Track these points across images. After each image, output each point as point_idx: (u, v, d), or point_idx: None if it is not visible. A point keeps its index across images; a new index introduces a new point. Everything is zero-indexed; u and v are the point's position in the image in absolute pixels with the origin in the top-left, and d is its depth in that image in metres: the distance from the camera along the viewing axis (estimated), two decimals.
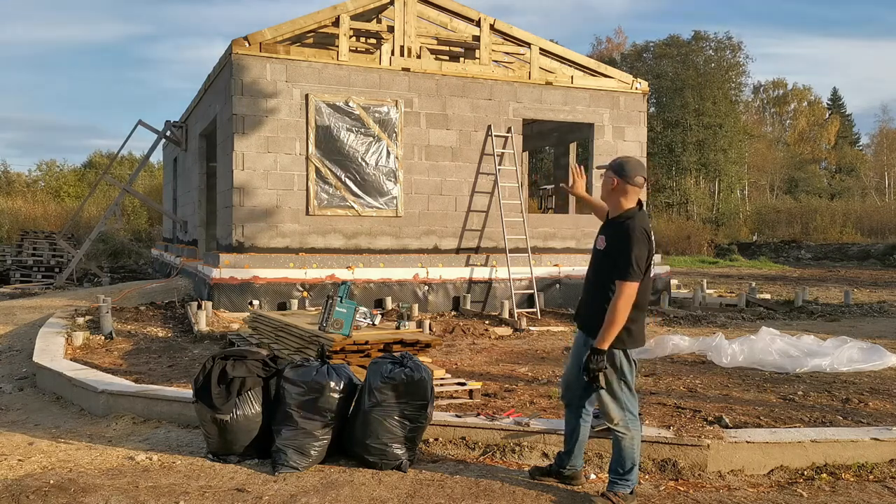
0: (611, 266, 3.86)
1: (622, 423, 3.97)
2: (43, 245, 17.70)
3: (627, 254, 3.79)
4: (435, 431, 4.89)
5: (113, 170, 30.90)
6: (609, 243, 3.93)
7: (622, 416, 3.97)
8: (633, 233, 3.83)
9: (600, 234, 4.04)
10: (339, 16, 11.92)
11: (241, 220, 11.35)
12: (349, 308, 5.85)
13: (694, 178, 41.06)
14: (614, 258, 3.85)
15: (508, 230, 12.42)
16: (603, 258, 3.95)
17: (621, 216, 3.97)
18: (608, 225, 4.05)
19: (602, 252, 3.97)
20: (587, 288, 4.12)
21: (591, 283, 4.05)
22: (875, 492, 4.30)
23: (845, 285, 18.22)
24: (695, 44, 41.57)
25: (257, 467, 4.52)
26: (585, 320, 4.12)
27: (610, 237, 3.95)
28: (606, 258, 3.92)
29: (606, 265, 3.90)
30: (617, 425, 3.98)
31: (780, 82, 62.88)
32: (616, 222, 3.97)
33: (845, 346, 7.76)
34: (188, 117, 16.91)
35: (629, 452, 3.99)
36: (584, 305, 4.16)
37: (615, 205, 4.01)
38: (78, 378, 6.31)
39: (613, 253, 3.87)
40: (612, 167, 4.02)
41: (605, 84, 13.60)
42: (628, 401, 4.01)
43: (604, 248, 3.96)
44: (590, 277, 4.10)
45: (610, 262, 3.88)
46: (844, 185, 52.33)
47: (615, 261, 3.84)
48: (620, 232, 3.88)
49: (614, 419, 3.98)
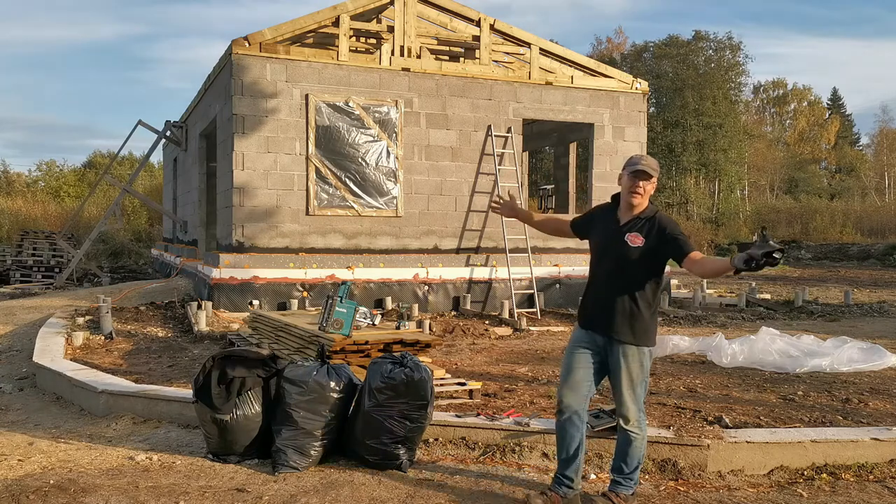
0: (650, 261, 3.88)
1: (637, 424, 3.95)
2: (43, 245, 17.70)
3: (680, 232, 3.89)
4: (435, 431, 4.89)
5: (113, 170, 30.89)
6: (650, 237, 3.88)
7: (639, 417, 3.96)
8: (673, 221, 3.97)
9: (630, 232, 3.92)
10: (339, 16, 11.92)
11: (242, 220, 11.35)
12: (349, 308, 5.85)
13: (694, 178, 41.03)
14: (669, 247, 3.84)
15: (508, 230, 12.42)
16: (641, 254, 3.88)
17: (648, 210, 3.99)
18: (639, 221, 3.96)
19: (640, 248, 3.88)
20: (609, 286, 3.96)
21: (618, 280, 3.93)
22: (875, 492, 4.30)
23: (845, 285, 18.22)
24: (695, 44, 41.55)
25: (257, 467, 4.52)
26: (609, 321, 3.93)
27: (650, 231, 3.89)
28: (647, 254, 3.87)
29: (645, 261, 3.88)
30: (632, 425, 3.95)
31: (780, 82, 62.90)
32: (647, 217, 3.95)
33: (845, 346, 7.76)
34: (188, 117, 16.91)
35: (638, 452, 3.98)
36: (607, 308, 3.94)
37: (646, 202, 4.01)
38: (78, 378, 6.31)
39: (664, 243, 3.84)
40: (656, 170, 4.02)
41: (605, 84, 13.60)
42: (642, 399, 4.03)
43: (643, 245, 3.88)
44: (614, 276, 3.95)
45: (651, 257, 3.87)
46: (844, 185, 52.32)
47: (670, 248, 3.84)
48: (663, 223, 3.91)
49: (631, 419, 3.94)
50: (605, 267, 4.02)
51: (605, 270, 4.01)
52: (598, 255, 4.10)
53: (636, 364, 3.90)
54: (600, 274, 4.05)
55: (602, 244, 4.08)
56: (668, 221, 3.93)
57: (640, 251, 3.88)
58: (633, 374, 3.89)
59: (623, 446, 4.00)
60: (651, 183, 3.95)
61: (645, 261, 3.88)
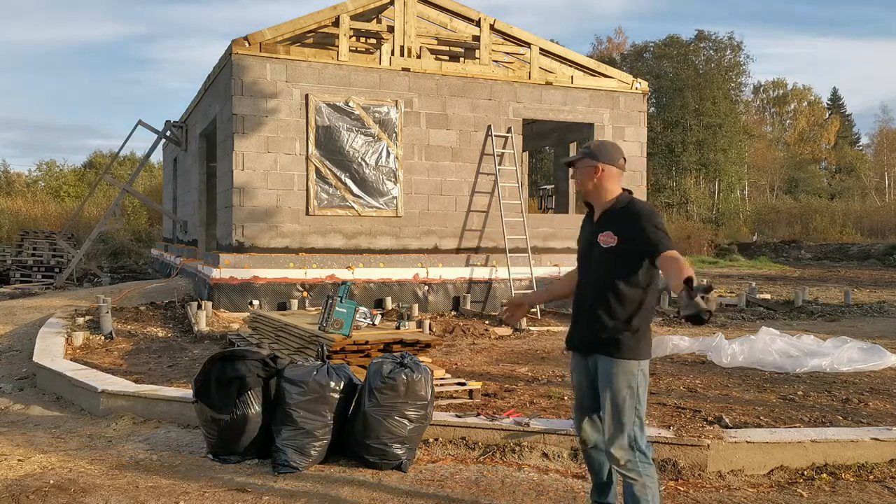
0: (626, 261, 3.26)
1: (630, 465, 3.23)
2: (43, 245, 17.70)
3: (654, 225, 3.20)
4: (435, 431, 4.89)
5: (113, 170, 30.88)
6: (623, 234, 3.26)
7: (631, 456, 3.23)
8: (646, 206, 3.31)
9: (602, 231, 3.32)
10: (339, 16, 11.92)
11: (242, 220, 11.35)
12: (349, 308, 5.85)
13: (694, 178, 41.05)
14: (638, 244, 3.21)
15: (508, 230, 12.42)
16: (615, 256, 3.28)
17: (619, 200, 3.37)
18: (608, 216, 3.37)
19: (613, 249, 3.28)
20: (587, 299, 3.40)
21: (595, 289, 3.35)
22: (875, 492, 4.30)
23: (845, 285, 18.22)
24: (696, 44, 41.56)
25: (257, 467, 4.52)
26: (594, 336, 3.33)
27: (621, 227, 3.27)
28: (620, 255, 3.27)
29: (621, 261, 3.27)
30: (624, 466, 3.23)
31: (780, 82, 62.93)
32: (617, 209, 3.35)
33: (845, 346, 7.76)
34: (188, 117, 16.91)
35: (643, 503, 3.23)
36: (587, 322, 3.38)
37: (604, 193, 3.39)
38: (78, 378, 6.31)
39: (635, 240, 3.22)
40: (588, 154, 3.40)
41: (605, 84, 13.60)
42: (639, 435, 3.26)
43: (616, 244, 3.27)
44: (590, 286, 3.39)
45: (628, 257, 3.25)
46: (844, 185, 52.34)
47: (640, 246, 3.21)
48: (632, 213, 3.28)
49: (619, 458, 3.23)
50: (583, 276, 3.49)
51: (583, 279, 3.48)
52: (579, 262, 3.58)
53: (620, 383, 3.23)
54: (580, 284, 3.50)
55: (581, 251, 3.55)
56: (642, 210, 3.27)
57: (614, 252, 3.28)
58: (616, 397, 3.23)
59: (626, 497, 3.29)
60: (590, 167, 3.38)
61: (621, 261, 3.27)
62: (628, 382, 3.24)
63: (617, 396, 3.24)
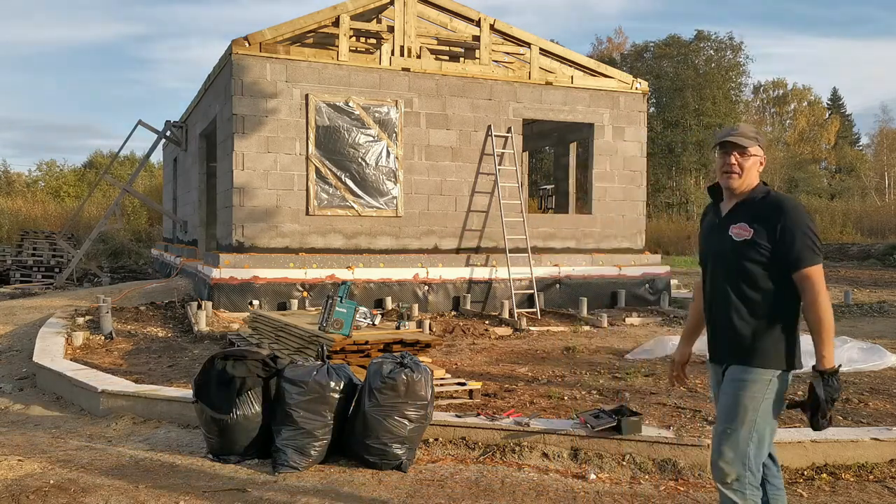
0: (765, 257, 2.87)
1: (738, 484, 2.83)
2: (43, 245, 17.70)
3: (805, 228, 2.81)
4: (435, 431, 4.89)
5: (113, 170, 30.90)
6: (760, 227, 2.88)
7: (741, 472, 2.83)
8: (796, 203, 2.90)
9: (735, 223, 2.94)
10: (339, 16, 11.92)
11: (242, 220, 11.35)
12: (349, 308, 5.86)
13: (694, 178, 41.06)
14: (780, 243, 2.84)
15: (508, 230, 12.42)
16: (750, 249, 2.89)
17: (757, 190, 2.97)
18: (747, 206, 2.96)
19: (748, 242, 2.89)
20: (718, 297, 3.01)
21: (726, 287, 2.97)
22: (875, 492, 4.30)
23: (845, 285, 18.21)
24: (696, 44, 41.58)
25: (257, 467, 4.52)
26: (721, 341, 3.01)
27: (758, 218, 2.89)
28: (757, 247, 2.88)
29: (758, 257, 2.88)
30: (730, 485, 2.83)
31: (780, 82, 62.88)
32: (754, 199, 2.95)
33: (845, 346, 7.77)
34: (188, 117, 16.91)
35: None
36: (718, 326, 3.02)
37: (752, 180, 2.98)
38: (78, 378, 6.32)
39: (775, 237, 2.85)
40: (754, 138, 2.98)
41: (605, 84, 13.60)
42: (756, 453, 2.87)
43: (751, 237, 2.89)
44: (721, 282, 3.00)
45: (764, 251, 2.87)
46: (844, 185, 52.31)
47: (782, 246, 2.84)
48: (775, 206, 2.88)
49: (727, 473, 2.83)
50: (711, 274, 3.08)
51: (712, 279, 3.08)
52: (704, 262, 3.15)
53: (746, 392, 2.86)
54: (709, 285, 3.09)
55: (705, 249, 3.13)
56: (786, 205, 2.87)
57: (745, 246, 2.90)
58: (739, 404, 2.85)
59: None
60: (751, 156, 2.95)
61: (758, 255, 2.88)
62: (754, 393, 2.89)
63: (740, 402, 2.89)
